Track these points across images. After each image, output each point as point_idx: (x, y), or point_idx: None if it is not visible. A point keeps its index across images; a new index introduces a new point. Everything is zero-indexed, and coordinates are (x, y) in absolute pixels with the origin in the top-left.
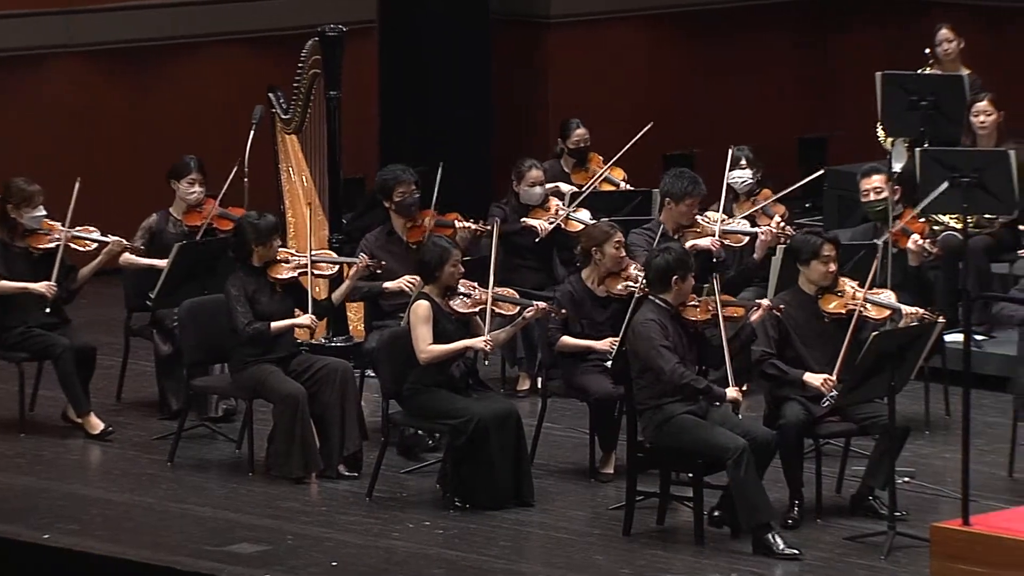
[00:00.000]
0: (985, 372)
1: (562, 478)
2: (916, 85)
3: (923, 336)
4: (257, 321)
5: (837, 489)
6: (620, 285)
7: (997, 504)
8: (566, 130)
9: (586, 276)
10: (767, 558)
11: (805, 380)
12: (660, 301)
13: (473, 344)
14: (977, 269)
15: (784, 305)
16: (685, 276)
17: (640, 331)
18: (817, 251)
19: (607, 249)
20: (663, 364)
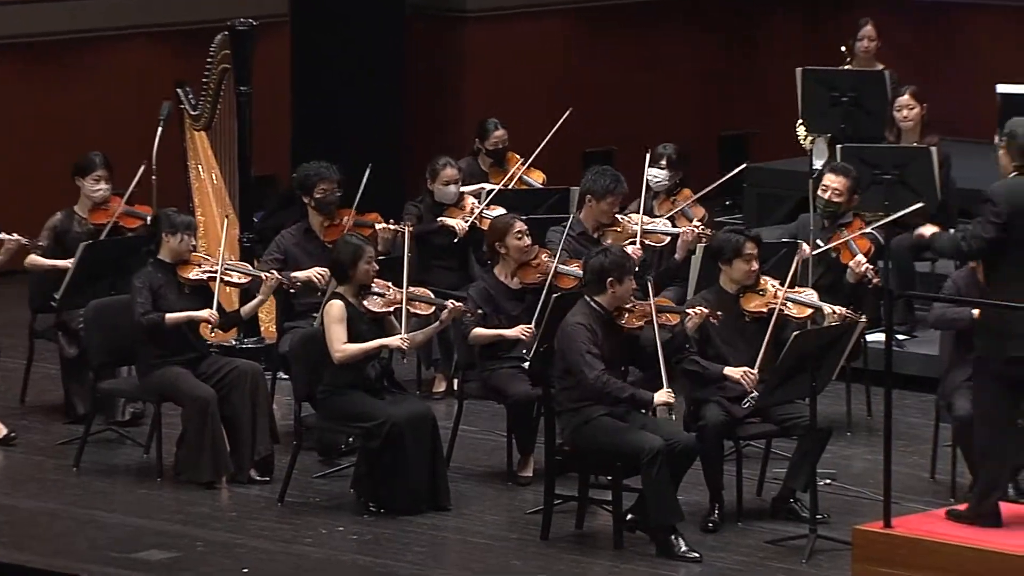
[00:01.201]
0: (907, 372)
1: (479, 482)
2: (837, 81)
3: (844, 336)
4: (153, 312)
5: (758, 492)
6: (534, 275)
7: (919, 506)
8: (484, 131)
9: (499, 271)
10: (671, 560)
11: (725, 373)
12: (595, 304)
13: (389, 343)
14: (899, 268)
15: (707, 305)
16: (621, 279)
17: (569, 333)
18: (739, 250)
19: (509, 241)
20: (587, 372)
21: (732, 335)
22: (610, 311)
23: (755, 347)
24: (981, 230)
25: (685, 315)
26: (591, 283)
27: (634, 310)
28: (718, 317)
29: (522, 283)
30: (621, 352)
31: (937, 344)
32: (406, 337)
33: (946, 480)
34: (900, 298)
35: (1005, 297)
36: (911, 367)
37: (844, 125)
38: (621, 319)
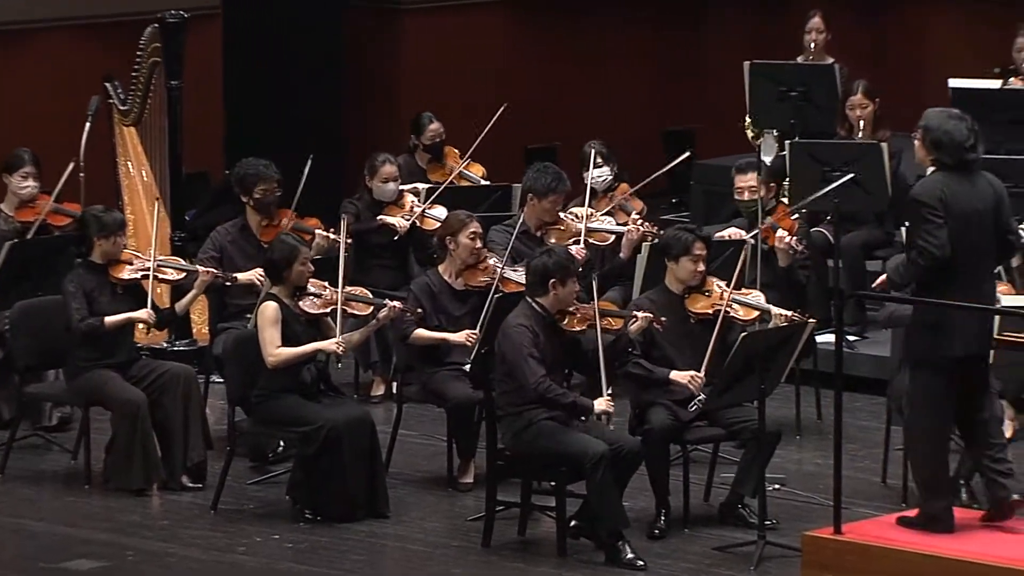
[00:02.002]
0: (858, 374)
1: (418, 488)
2: (785, 75)
3: (794, 337)
4: (91, 317)
5: (705, 497)
6: (479, 278)
7: (870, 511)
8: (419, 126)
9: (443, 269)
10: (617, 567)
11: (672, 378)
12: (537, 305)
13: (324, 346)
14: (850, 267)
15: (652, 304)
16: (564, 281)
17: (510, 335)
18: (688, 248)
19: (461, 239)
20: (528, 376)
21: (677, 337)
22: (552, 313)
23: (700, 349)
24: (931, 237)
25: (629, 319)
26: (533, 284)
27: (576, 313)
28: (662, 323)
29: (466, 285)
30: (563, 355)
31: (888, 345)
32: (342, 340)
33: (897, 484)
34: (850, 298)
35: (950, 294)
36: (862, 369)
37: (793, 120)
38: (563, 322)
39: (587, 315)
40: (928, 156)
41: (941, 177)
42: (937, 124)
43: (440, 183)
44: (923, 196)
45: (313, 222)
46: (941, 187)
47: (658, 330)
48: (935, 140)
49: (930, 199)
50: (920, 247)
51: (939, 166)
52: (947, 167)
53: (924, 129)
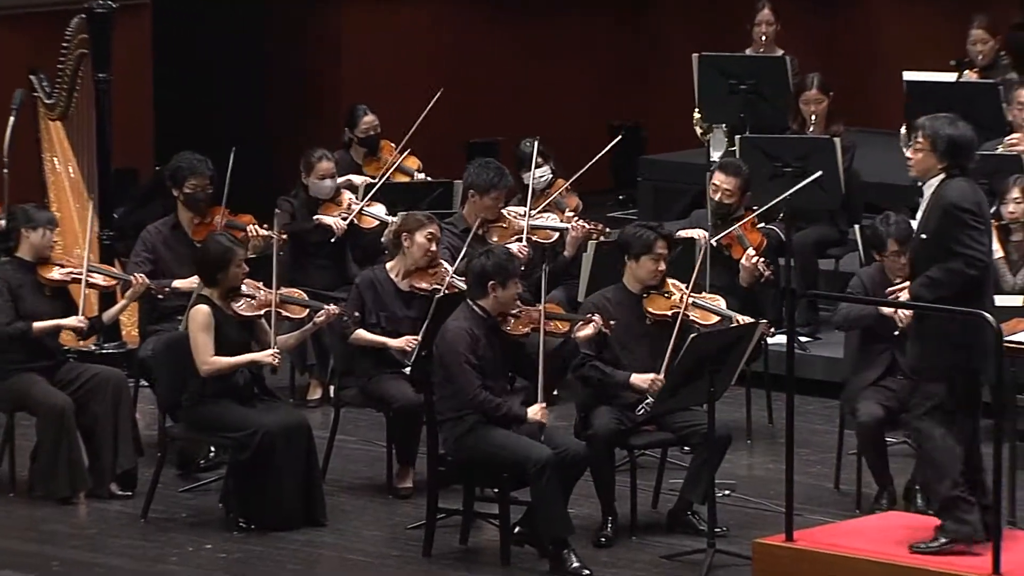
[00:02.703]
0: (810, 376)
1: (357, 495)
2: (735, 68)
3: (744, 338)
4: (19, 320)
5: (653, 504)
6: (426, 283)
7: (823, 518)
8: (353, 118)
9: (391, 267)
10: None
11: (632, 382)
12: (477, 308)
13: (259, 358)
14: (802, 266)
15: (608, 303)
16: (505, 282)
17: (448, 339)
18: (650, 246)
19: (418, 238)
20: (464, 384)
21: (630, 338)
22: (494, 316)
23: (654, 351)
24: (977, 244)
25: (576, 324)
26: (472, 286)
27: (520, 316)
28: (611, 327)
29: (412, 287)
30: (505, 359)
31: (842, 346)
32: (277, 353)
33: (851, 490)
34: (803, 298)
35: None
36: (814, 371)
37: (743, 114)
38: (506, 325)
39: (532, 318)
40: (939, 164)
41: (967, 183)
42: (949, 130)
43: (376, 178)
44: (964, 202)
45: (247, 219)
46: (973, 192)
47: (607, 333)
48: (951, 145)
49: (971, 205)
50: (968, 256)
51: (953, 172)
52: (964, 172)
53: (932, 137)
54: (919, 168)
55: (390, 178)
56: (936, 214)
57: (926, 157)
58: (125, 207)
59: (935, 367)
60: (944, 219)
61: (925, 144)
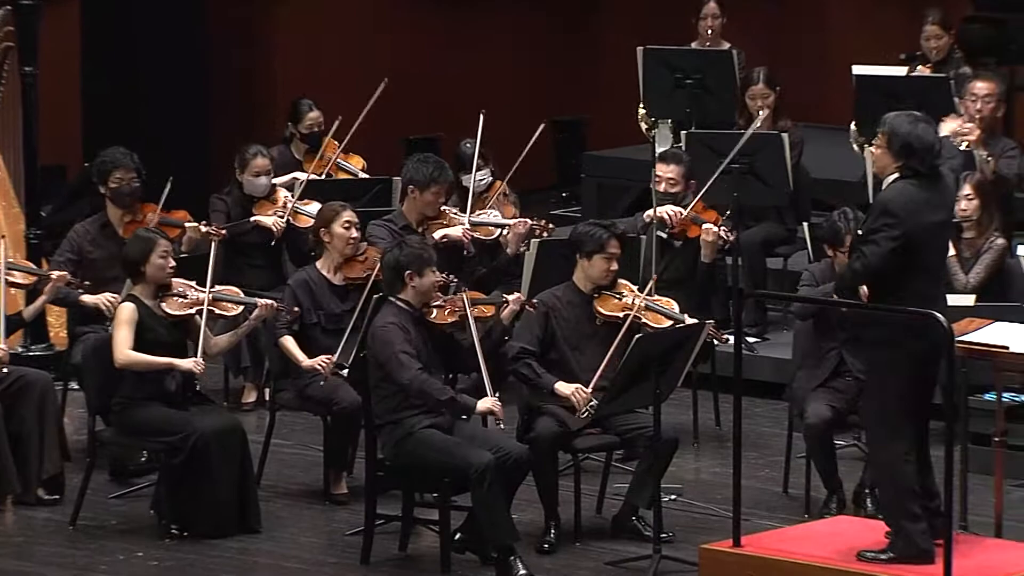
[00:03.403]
0: (758, 378)
1: (293, 501)
2: (681, 61)
3: (691, 339)
4: None
5: (597, 509)
6: (359, 271)
7: (771, 523)
8: (297, 113)
9: (321, 264)
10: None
11: (556, 389)
12: (400, 302)
13: (179, 364)
14: (750, 265)
15: (557, 301)
16: (421, 271)
17: (379, 335)
18: (603, 245)
19: (336, 228)
20: (403, 373)
21: (580, 338)
22: (418, 308)
23: (602, 352)
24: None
25: (501, 305)
26: (390, 281)
27: (444, 305)
28: (535, 305)
29: (346, 279)
30: (438, 354)
31: (790, 347)
32: (200, 361)
33: (800, 495)
34: (750, 298)
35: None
36: (762, 372)
37: (689, 109)
38: (431, 316)
39: (456, 306)
40: (894, 163)
41: (910, 187)
42: (907, 129)
43: (319, 176)
44: (891, 204)
45: (181, 214)
46: (908, 199)
47: (547, 313)
48: (906, 145)
49: (898, 209)
50: (863, 254)
51: (906, 173)
52: (917, 174)
53: (890, 135)
54: (877, 165)
55: (331, 175)
56: (872, 211)
57: (883, 155)
58: (53, 205)
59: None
60: (871, 215)
61: (882, 141)
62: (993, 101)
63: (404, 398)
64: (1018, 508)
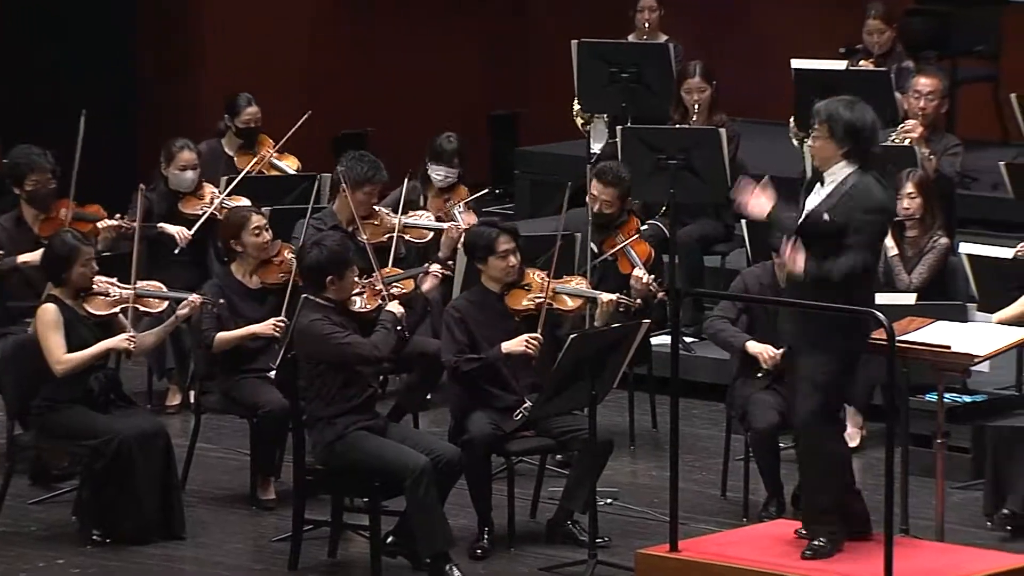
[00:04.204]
0: (696, 379)
1: (219, 506)
2: (616, 55)
3: (627, 339)
4: None
5: (532, 513)
6: (276, 274)
7: (709, 527)
8: (235, 107)
9: (236, 269)
10: None
11: (505, 350)
12: (322, 299)
13: (114, 344)
14: (687, 263)
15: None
16: (343, 272)
17: (307, 331)
18: (492, 246)
19: (246, 238)
20: (350, 349)
21: (501, 338)
22: (340, 302)
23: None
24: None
25: (419, 276)
26: (310, 283)
27: (365, 291)
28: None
29: (262, 283)
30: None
31: None
32: (133, 336)
33: (738, 498)
34: (687, 297)
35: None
36: (700, 373)
37: (625, 104)
38: (354, 306)
39: (375, 290)
40: (839, 150)
41: (875, 181)
42: (846, 111)
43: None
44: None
45: (94, 209)
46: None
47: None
48: (849, 127)
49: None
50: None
51: (853, 160)
52: (864, 162)
53: (830, 122)
54: (820, 157)
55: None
56: (849, 205)
57: (825, 144)
58: None
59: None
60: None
61: (823, 130)
62: (936, 98)
63: (335, 399)
64: (960, 511)
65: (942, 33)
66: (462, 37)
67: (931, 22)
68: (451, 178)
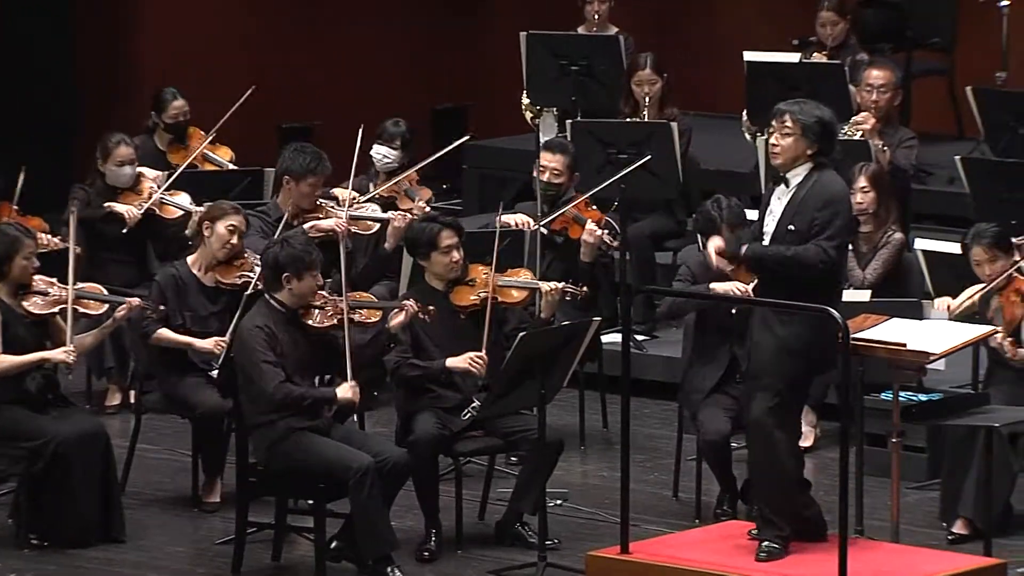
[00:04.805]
0: (647, 378)
1: (160, 509)
2: (566, 47)
3: (577, 337)
4: None
5: (480, 515)
6: (233, 276)
7: (660, 528)
8: (161, 103)
9: (192, 261)
10: None
11: (448, 365)
12: (275, 302)
13: (52, 356)
14: (638, 259)
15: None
16: (301, 274)
17: (244, 339)
18: (434, 242)
19: (218, 227)
20: (264, 384)
21: (447, 337)
22: (293, 309)
23: (474, 347)
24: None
25: (390, 311)
26: (267, 279)
27: (326, 307)
28: (431, 313)
29: (217, 281)
30: (313, 356)
31: (679, 346)
32: (71, 349)
33: (690, 499)
34: (639, 294)
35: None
36: (652, 372)
37: (574, 97)
38: (309, 318)
39: (339, 309)
40: (809, 149)
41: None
42: (818, 113)
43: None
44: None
45: (35, 223)
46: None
47: (425, 321)
48: (823, 128)
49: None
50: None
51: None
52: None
53: (803, 122)
54: (788, 155)
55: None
56: (813, 205)
57: (796, 142)
58: None
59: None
60: (823, 211)
61: (795, 128)
62: (889, 90)
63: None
64: (915, 511)
65: (896, 25)
66: (410, 29)
67: (885, 14)
68: (390, 161)
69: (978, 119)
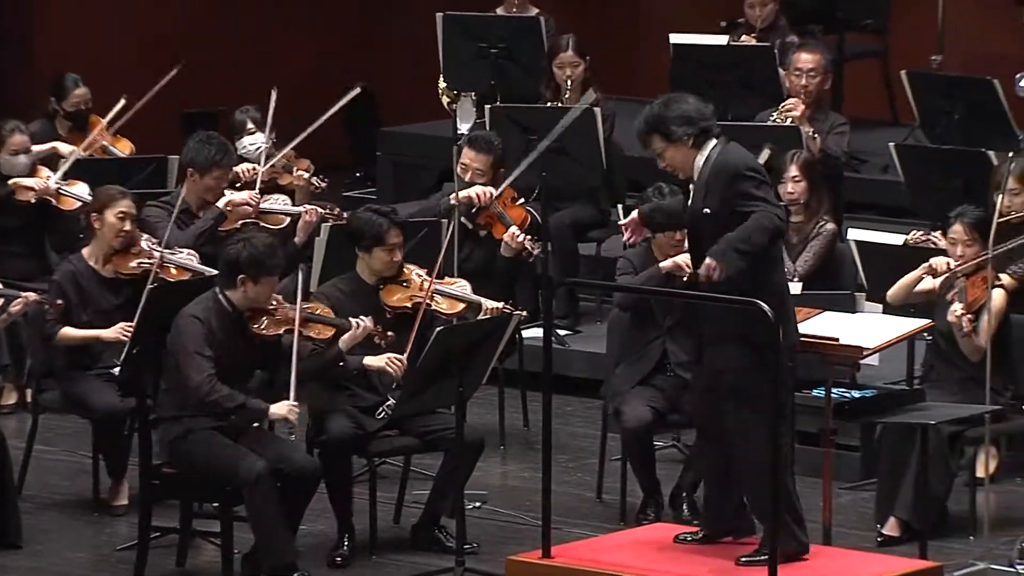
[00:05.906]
0: (570, 374)
1: (58, 513)
2: (484, 29)
3: (497, 332)
4: None
5: (395, 518)
6: (132, 263)
7: (584, 531)
8: (62, 89)
9: (89, 254)
10: None
11: (366, 364)
12: (223, 299)
13: None
14: (561, 251)
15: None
16: (258, 279)
17: (180, 327)
18: (381, 237)
19: (108, 217)
20: (192, 375)
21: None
22: (241, 311)
23: (398, 348)
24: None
25: (343, 329)
26: (222, 275)
27: (275, 314)
28: (388, 339)
29: (116, 272)
30: (251, 358)
31: (603, 341)
32: None
33: (615, 500)
34: (561, 286)
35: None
36: (575, 368)
37: (493, 81)
38: (256, 323)
39: (289, 318)
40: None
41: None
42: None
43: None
44: (752, 162)
45: None
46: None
47: (380, 345)
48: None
49: (757, 165)
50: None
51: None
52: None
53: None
54: (680, 166)
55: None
56: (720, 183)
57: (674, 152)
58: None
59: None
60: (733, 185)
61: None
62: (819, 74)
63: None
64: (848, 513)
65: (827, 6)
66: (320, 10)
67: None
68: (258, 145)
69: (913, 104)
